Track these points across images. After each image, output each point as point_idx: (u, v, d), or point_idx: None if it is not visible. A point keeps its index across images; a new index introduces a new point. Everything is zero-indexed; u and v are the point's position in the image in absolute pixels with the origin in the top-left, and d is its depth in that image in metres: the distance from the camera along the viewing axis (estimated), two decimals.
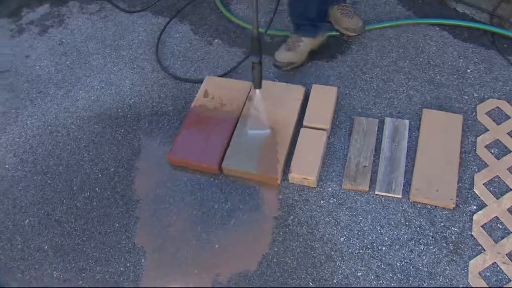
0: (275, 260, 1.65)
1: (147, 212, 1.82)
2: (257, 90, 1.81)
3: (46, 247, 1.82)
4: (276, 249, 1.67)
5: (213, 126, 1.93)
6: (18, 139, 2.14)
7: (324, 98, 1.94)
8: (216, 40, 2.33)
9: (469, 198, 1.70)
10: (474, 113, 1.90)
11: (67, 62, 2.40)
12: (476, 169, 1.76)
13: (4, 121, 2.22)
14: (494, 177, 1.73)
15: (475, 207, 1.67)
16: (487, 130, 1.85)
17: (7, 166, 2.06)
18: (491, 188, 1.71)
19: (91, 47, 2.44)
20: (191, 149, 1.88)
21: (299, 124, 1.91)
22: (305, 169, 1.76)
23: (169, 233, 1.76)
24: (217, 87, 2.05)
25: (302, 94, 1.97)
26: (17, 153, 2.10)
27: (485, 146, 1.81)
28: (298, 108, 1.93)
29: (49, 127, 2.15)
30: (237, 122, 1.93)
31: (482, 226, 1.63)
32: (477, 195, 1.70)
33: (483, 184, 1.73)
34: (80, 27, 2.55)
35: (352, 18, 2.10)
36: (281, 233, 1.70)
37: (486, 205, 1.67)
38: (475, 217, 1.65)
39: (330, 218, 1.71)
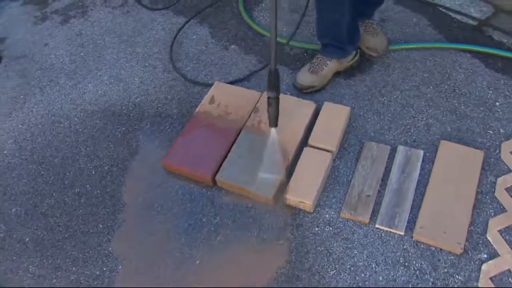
0: (254, 284, 1.52)
1: (133, 217, 1.74)
2: (273, 129, 1.66)
3: (27, 239, 1.76)
4: (258, 272, 1.55)
5: (213, 135, 1.83)
6: (21, 126, 2.11)
7: (334, 117, 1.81)
8: (232, 46, 2.24)
9: (480, 245, 1.52)
10: (497, 151, 1.73)
11: (82, 54, 2.36)
12: (492, 213, 1.58)
13: (12, 106, 2.20)
14: (511, 225, 1.55)
15: (485, 256, 1.50)
16: (510, 171, 1.67)
17: (5, 152, 2.03)
18: (506, 237, 1.53)
19: (108, 41, 2.40)
20: (187, 156, 1.79)
21: (304, 142, 1.79)
22: (303, 192, 1.63)
23: (151, 241, 1.67)
24: (225, 94, 1.96)
25: (312, 111, 1.84)
26: (18, 139, 2.06)
27: (506, 189, 1.63)
28: (305, 125, 1.81)
29: (53, 117, 2.11)
30: (239, 133, 1.82)
31: (491, 278, 1.45)
32: (490, 242, 1.52)
33: (498, 231, 1.55)
34: (100, 20, 2.52)
35: (375, 37, 1.96)
36: (267, 256, 1.58)
37: (499, 255, 1.49)
38: (484, 266, 1.48)
39: (322, 248, 1.57)
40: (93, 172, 1.89)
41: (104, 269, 1.63)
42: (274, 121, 1.63)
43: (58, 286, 1.62)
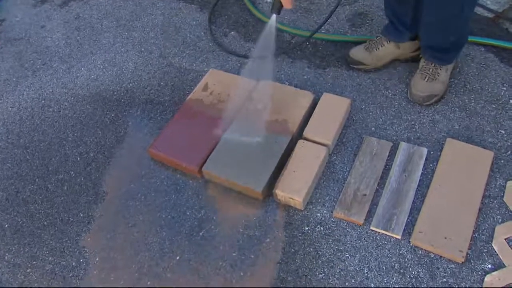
0: (237, 284, 1.42)
1: (114, 207, 1.64)
2: (273, 16, 1.49)
3: (6, 225, 1.68)
4: (241, 273, 1.44)
5: (204, 124, 1.72)
6: (10, 108, 2.04)
7: (333, 109, 1.69)
8: (232, 33, 2.13)
9: (484, 254, 1.39)
10: (509, 152, 1.58)
11: (78, 37, 2.28)
12: (500, 220, 1.45)
13: (3, 88, 2.14)
14: None
15: (489, 266, 1.37)
16: None
17: None
18: None
19: (105, 24, 2.31)
20: (174, 145, 1.69)
21: (299, 134, 1.67)
22: (293, 188, 1.52)
23: (131, 233, 1.57)
24: (219, 82, 1.85)
25: (309, 102, 1.72)
26: (6, 122, 1.99)
27: None
28: (301, 117, 1.69)
29: (43, 101, 2.04)
30: (230, 123, 1.71)
31: None
32: (495, 251, 1.39)
33: (506, 239, 1.41)
34: (100, 3, 2.44)
35: (430, 82, 1.72)
36: (252, 256, 1.47)
37: (505, 266, 1.36)
38: (487, 278, 1.35)
39: (311, 249, 1.46)
40: (78, 159, 1.81)
41: (81, 260, 1.55)
42: (277, 7, 1.45)
43: (32, 276, 1.54)
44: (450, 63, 1.73)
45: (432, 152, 1.61)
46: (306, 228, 1.50)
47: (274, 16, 1.48)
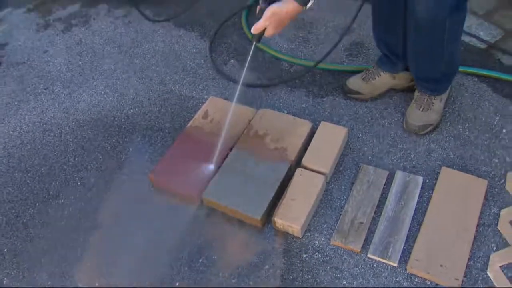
0: None
1: (114, 232, 1.66)
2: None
3: (6, 249, 1.68)
4: None
5: (204, 151, 1.75)
6: (12, 132, 2.06)
7: (330, 138, 1.73)
8: (231, 61, 2.18)
9: (479, 282, 1.41)
10: (502, 181, 1.62)
11: (80, 62, 2.32)
12: (494, 247, 1.48)
13: (5, 112, 2.16)
14: None
15: None
16: None
17: None
18: (509, 274, 1.41)
19: (107, 50, 2.36)
20: (175, 172, 1.71)
21: (298, 162, 1.70)
22: (291, 216, 1.54)
23: (130, 258, 1.59)
24: (219, 109, 1.89)
25: (308, 131, 1.76)
26: (7, 146, 2.01)
27: (510, 222, 1.52)
28: (299, 145, 1.73)
29: (44, 125, 2.06)
30: (230, 150, 1.75)
31: None
32: (490, 279, 1.41)
33: (500, 266, 1.44)
34: (102, 29, 2.49)
35: (424, 111, 1.77)
36: (251, 283, 1.48)
37: None
38: None
39: (309, 276, 1.47)
40: (79, 183, 1.83)
41: (80, 285, 1.55)
42: (257, 36, 1.49)
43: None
44: (443, 93, 1.78)
45: (427, 181, 1.65)
46: (304, 256, 1.52)
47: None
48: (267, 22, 1.42)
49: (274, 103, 1.97)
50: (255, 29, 1.45)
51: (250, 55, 1.59)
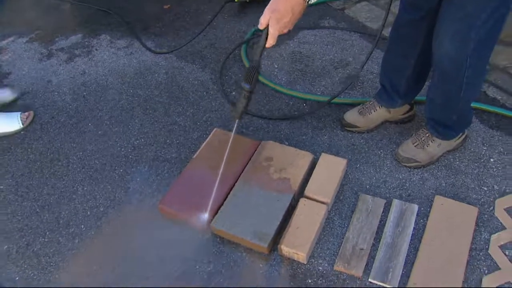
0: None
1: (125, 261, 1.72)
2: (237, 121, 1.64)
3: (17, 278, 1.73)
4: None
5: (210, 182, 1.84)
6: (19, 162, 2.12)
7: (331, 169, 1.83)
8: (233, 93, 2.29)
9: None
10: (491, 208, 1.74)
11: (84, 93, 2.40)
12: (486, 271, 1.59)
13: (12, 141, 2.22)
14: (505, 283, 1.55)
15: None
16: (504, 228, 1.68)
17: (1, 187, 2.02)
18: None
19: (110, 81, 2.44)
20: (183, 202, 1.79)
21: (301, 192, 1.80)
22: (297, 243, 1.63)
23: (143, 286, 1.65)
24: (224, 141, 1.98)
25: (309, 162, 1.87)
26: (15, 175, 2.06)
27: (500, 246, 1.64)
28: (302, 176, 1.83)
29: (51, 155, 2.12)
30: (236, 181, 1.84)
31: None
32: None
33: None
34: (105, 60, 2.57)
35: (420, 149, 1.86)
36: None
37: None
38: None
39: None
40: (89, 213, 1.89)
41: None
42: (239, 113, 1.59)
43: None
44: (446, 139, 1.86)
45: (422, 208, 1.76)
46: (309, 281, 1.61)
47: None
48: (267, 17, 1.39)
49: (275, 134, 2.07)
50: (261, 24, 1.42)
51: (234, 130, 1.70)
